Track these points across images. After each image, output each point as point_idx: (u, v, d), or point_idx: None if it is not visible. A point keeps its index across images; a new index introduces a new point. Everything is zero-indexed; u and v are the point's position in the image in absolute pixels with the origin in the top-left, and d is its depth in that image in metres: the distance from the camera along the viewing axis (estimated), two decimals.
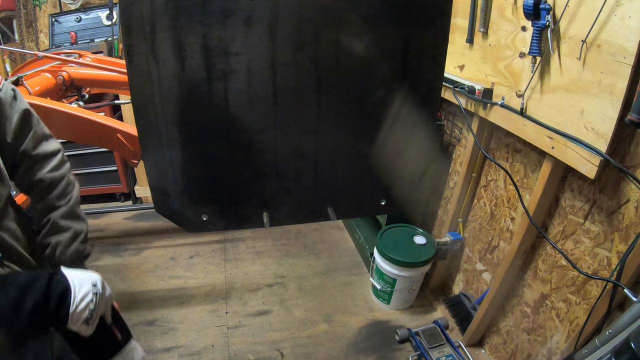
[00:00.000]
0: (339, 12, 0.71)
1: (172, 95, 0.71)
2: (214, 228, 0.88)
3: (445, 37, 0.78)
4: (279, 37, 0.70)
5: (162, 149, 0.76)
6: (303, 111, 0.78)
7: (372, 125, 0.83)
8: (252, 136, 0.78)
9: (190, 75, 0.70)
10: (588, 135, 1.14)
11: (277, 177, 0.84)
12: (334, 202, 0.91)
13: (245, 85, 0.72)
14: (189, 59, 0.68)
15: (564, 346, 1.38)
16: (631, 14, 0.98)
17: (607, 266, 1.22)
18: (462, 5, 1.60)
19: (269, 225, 0.88)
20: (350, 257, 2.54)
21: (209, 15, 0.66)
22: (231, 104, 0.74)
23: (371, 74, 0.78)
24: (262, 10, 0.68)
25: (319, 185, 0.87)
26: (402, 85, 0.80)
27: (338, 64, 0.75)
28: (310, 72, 0.74)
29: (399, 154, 0.88)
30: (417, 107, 0.83)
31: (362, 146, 0.85)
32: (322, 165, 0.85)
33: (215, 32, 0.67)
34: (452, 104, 1.88)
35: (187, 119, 0.74)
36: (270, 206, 0.88)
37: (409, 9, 0.74)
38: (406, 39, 0.76)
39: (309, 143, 0.82)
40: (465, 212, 1.92)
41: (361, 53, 0.75)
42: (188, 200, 0.83)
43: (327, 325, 2.03)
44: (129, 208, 2.99)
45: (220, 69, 0.70)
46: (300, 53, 0.72)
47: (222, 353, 1.85)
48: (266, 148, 0.80)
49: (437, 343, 1.47)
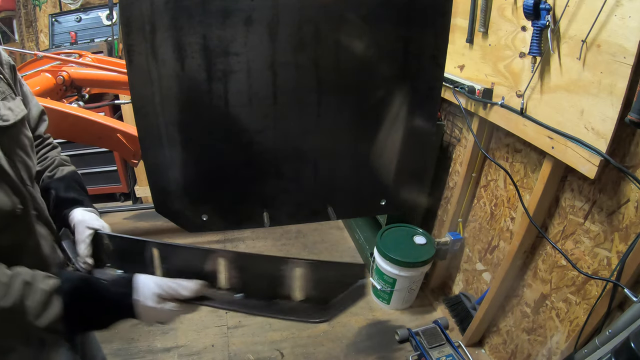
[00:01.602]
0: (339, 12, 0.71)
1: (172, 95, 0.71)
2: (214, 228, 0.88)
3: (445, 37, 0.78)
4: (279, 37, 0.70)
5: (162, 149, 0.76)
6: (303, 111, 0.78)
7: (372, 125, 0.83)
8: (252, 136, 0.78)
9: (190, 75, 0.70)
10: (588, 135, 1.14)
11: (277, 177, 0.84)
12: (334, 202, 0.91)
13: (245, 85, 0.72)
14: (189, 59, 0.68)
15: (564, 346, 1.38)
16: (631, 14, 0.98)
17: (607, 266, 1.22)
18: (462, 5, 1.60)
19: (269, 225, 0.88)
20: (350, 257, 2.54)
21: (209, 15, 0.66)
22: (231, 104, 0.73)
23: (371, 74, 0.78)
24: (262, 10, 0.68)
25: (319, 185, 0.87)
26: (402, 85, 0.80)
27: (338, 64, 0.75)
28: (310, 72, 0.74)
29: (399, 154, 0.88)
30: (417, 107, 0.83)
31: (362, 146, 0.85)
32: (322, 165, 0.85)
33: (215, 32, 0.67)
34: (452, 104, 1.88)
35: (187, 119, 0.74)
36: (271, 206, 0.88)
37: (409, 9, 0.73)
38: (406, 39, 0.76)
39: (309, 143, 0.82)
40: (465, 212, 1.92)
41: (361, 53, 0.75)
42: (188, 200, 0.83)
43: (327, 325, 2.03)
44: (129, 208, 2.99)
45: (220, 69, 0.70)
46: (300, 53, 0.72)
47: (222, 353, 1.85)
48: (266, 148, 0.80)
49: (437, 343, 1.47)
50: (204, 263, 0.70)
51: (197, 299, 0.68)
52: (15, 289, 0.59)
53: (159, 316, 0.68)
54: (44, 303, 0.60)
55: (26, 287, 0.60)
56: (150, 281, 0.67)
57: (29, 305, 0.59)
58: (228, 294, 0.71)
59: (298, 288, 0.70)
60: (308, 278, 0.70)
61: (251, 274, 0.72)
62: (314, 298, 0.71)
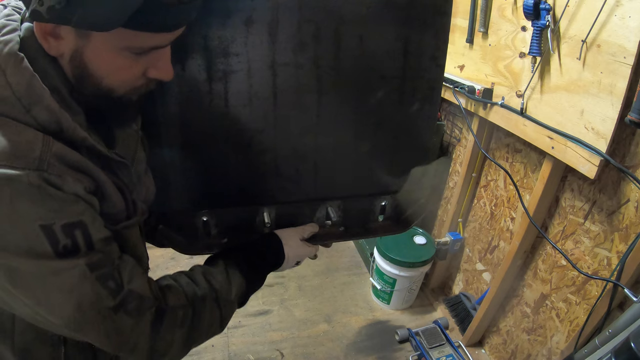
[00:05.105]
0: (339, 12, 0.71)
1: (172, 96, 0.71)
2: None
3: (445, 38, 0.78)
4: (279, 38, 0.70)
5: (162, 149, 0.76)
6: (303, 111, 0.78)
7: (371, 126, 0.83)
8: (252, 136, 0.78)
9: (190, 76, 0.70)
10: (588, 135, 1.14)
11: (277, 177, 0.84)
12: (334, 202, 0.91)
13: (245, 85, 0.72)
14: (189, 59, 0.68)
15: (564, 346, 1.38)
16: (631, 14, 0.98)
17: (607, 266, 1.22)
18: (462, 5, 1.60)
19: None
20: (350, 257, 2.55)
21: (209, 15, 0.66)
22: (231, 104, 0.74)
23: (371, 74, 0.78)
24: (262, 11, 0.68)
25: (319, 185, 0.87)
26: (402, 85, 0.80)
27: (338, 64, 0.75)
28: (310, 73, 0.74)
29: (399, 154, 0.89)
30: (417, 107, 0.83)
31: (361, 146, 0.85)
32: (322, 165, 0.85)
33: (215, 32, 0.67)
34: (452, 104, 1.88)
35: (187, 119, 0.74)
36: (271, 206, 0.88)
37: (409, 9, 0.74)
38: (406, 40, 0.76)
39: (309, 143, 0.82)
40: (465, 212, 1.92)
41: (361, 53, 0.75)
42: (188, 200, 0.83)
43: (327, 325, 2.03)
44: None
45: (220, 69, 0.70)
46: (300, 53, 0.72)
47: (222, 353, 1.85)
48: (266, 148, 0.80)
49: (437, 343, 1.47)
50: (315, 211, 0.91)
51: (315, 238, 0.90)
52: (200, 280, 0.67)
53: (301, 254, 0.84)
54: (227, 280, 0.70)
55: (207, 274, 0.69)
56: (286, 233, 0.83)
57: (218, 288, 0.68)
58: (335, 229, 0.94)
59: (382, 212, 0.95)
60: (390, 205, 0.95)
61: (352, 211, 0.93)
62: (393, 217, 0.97)
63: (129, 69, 0.54)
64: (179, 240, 0.87)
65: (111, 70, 0.53)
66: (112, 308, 0.53)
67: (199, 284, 0.67)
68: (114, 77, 0.54)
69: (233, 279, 0.71)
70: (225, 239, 0.88)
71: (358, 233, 0.97)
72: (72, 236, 0.50)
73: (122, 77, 0.54)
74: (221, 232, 0.88)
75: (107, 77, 0.53)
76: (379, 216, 0.96)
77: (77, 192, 0.51)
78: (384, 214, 0.96)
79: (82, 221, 0.51)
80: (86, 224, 0.51)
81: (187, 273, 0.69)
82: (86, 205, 0.52)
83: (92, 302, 0.52)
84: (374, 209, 0.95)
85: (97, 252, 0.53)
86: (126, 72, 0.54)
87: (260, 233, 0.85)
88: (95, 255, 0.52)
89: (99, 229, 0.54)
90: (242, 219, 0.88)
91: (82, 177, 0.52)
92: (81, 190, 0.51)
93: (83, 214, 0.51)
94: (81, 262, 0.51)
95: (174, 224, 0.86)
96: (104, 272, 0.53)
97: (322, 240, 0.93)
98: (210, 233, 0.88)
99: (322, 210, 0.91)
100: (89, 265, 0.51)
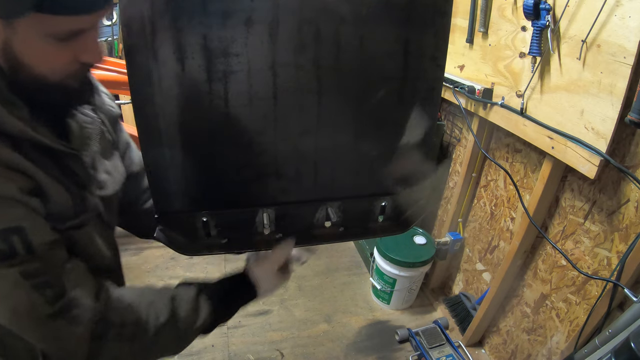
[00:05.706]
0: (339, 13, 0.71)
1: (172, 96, 0.71)
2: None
3: (445, 38, 0.78)
4: (279, 38, 0.70)
5: (162, 149, 0.76)
6: (303, 112, 0.78)
7: (372, 126, 0.83)
8: (252, 137, 0.78)
9: (190, 76, 0.69)
10: (588, 135, 1.14)
11: (278, 177, 0.84)
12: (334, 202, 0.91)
13: (245, 85, 0.72)
14: (189, 60, 0.68)
15: (564, 346, 1.38)
16: (631, 14, 0.98)
17: (607, 266, 1.22)
18: (462, 5, 1.60)
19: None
20: (350, 257, 2.55)
21: (209, 16, 0.66)
22: (231, 105, 0.73)
23: (371, 75, 0.78)
24: (262, 11, 0.68)
25: (319, 185, 0.87)
26: (402, 86, 0.80)
27: (338, 64, 0.75)
28: (311, 73, 0.74)
29: (399, 154, 0.88)
30: (417, 108, 0.83)
31: (361, 147, 0.85)
32: (322, 166, 0.85)
33: (215, 32, 0.67)
34: (452, 104, 1.88)
35: (187, 119, 0.74)
36: (271, 206, 0.88)
37: (409, 9, 0.74)
38: (406, 40, 0.76)
39: (309, 144, 0.82)
40: (465, 212, 1.93)
41: (361, 54, 0.75)
42: (188, 200, 0.83)
43: (327, 325, 2.03)
44: None
45: (220, 69, 0.70)
46: (301, 54, 0.72)
47: (222, 353, 1.85)
48: (266, 149, 0.80)
49: (437, 343, 1.47)
50: (315, 212, 0.90)
51: (305, 242, 0.89)
52: (165, 303, 0.67)
53: (276, 285, 0.83)
54: (194, 309, 0.69)
55: (175, 299, 0.68)
56: (261, 269, 0.80)
57: (183, 315, 0.67)
58: (334, 229, 0.92)
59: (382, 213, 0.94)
60: (390, 206, 0.94)
61: (352, 212, 0.92)
62: (393, 217, 0.96)
63: (57, 55, 0.53)
64: (179, 240, 0.86)
65: (40, 59, 0.52)
66: (50, 315, 0.52)
67: (162, 307, 0.66)
68: (44, 65, 0.53)
69: (202, 309, 0.71)
70: (225, 239, 0.88)
71: (358, 233, 0.97)
72: (8, 242, 0.49)
73: (52, 65, 0.54)
74: (221, 233, 0.88)
75: (38, 65, 0.53)
76: (379, 216, 0.95)
77: (12, 195, 0.49)
78: (384, 215, 0.96)
79: (19, 226, 0.50)
80: (24, 228, 0.50)
81: (155, 292, 0.70)
82: (25, 209, 0.51)
83: (27, 309, 0.51)
84: (373, 210, 0.95)
85: (37, 257, 0.51)
86: (55, 59, 0.53)
87: (259, 237, 0.86)
88: (34, 262, 0.51)
89: (41, 232, 0.52)
90: (242, 220, 0.88)
91: (16, 176, 0.51)
92: (16, 191, 0.50)
93: (21, 219, 0.50)
94: (14, 270, 0.50)
95: (174, 224, 0.85)
96: (41, 280, 0.52)
97: (323, 240, 0.93)
98: (210, 233, 0.87)
99: (322, 211, 0.91)
100: (23, 273, 0.50)
